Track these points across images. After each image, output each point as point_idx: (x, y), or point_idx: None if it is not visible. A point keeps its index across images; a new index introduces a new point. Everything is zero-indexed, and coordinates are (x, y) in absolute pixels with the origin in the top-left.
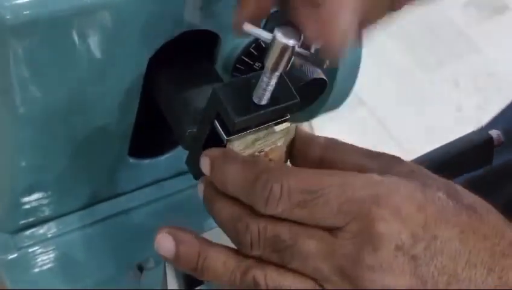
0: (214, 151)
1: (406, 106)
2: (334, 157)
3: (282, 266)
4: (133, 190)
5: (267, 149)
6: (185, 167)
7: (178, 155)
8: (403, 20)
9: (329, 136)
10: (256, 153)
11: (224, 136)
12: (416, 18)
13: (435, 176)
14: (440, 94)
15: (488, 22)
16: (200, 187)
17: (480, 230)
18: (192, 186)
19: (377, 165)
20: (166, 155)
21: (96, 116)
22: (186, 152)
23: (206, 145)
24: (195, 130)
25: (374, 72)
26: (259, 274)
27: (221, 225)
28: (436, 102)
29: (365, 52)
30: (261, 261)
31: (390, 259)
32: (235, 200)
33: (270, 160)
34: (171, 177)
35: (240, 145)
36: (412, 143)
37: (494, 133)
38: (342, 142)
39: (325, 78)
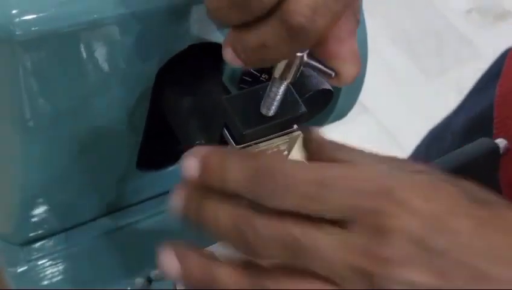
0: (201, 149)
1: (410, 113)
2: (345, 159)
3: (295, 272)
4: (142, 201)
5: (269, 152)
6: None
7: None
8: (406, 27)
9: None
10: None
11: (234, 146)
12: (419, 25)
13: (445, 175)
14: (444, 100)
15: (491, 27)
16: (179, 194)
17: (499, 225)
18: None
19: (386, 165)
20: (175, 166)
21: (105, 129)
22: None
23: None
24: (203, 141)
25: (378, 79)
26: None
27: (219, 232)
28: (440, 108)
29: (369, 59)
30: (273, 273)
31: (405, 252)
32: (232, 200)
33: None
34: None
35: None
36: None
37: (501, 142)
38: (351, 146)
39: (331, 88)
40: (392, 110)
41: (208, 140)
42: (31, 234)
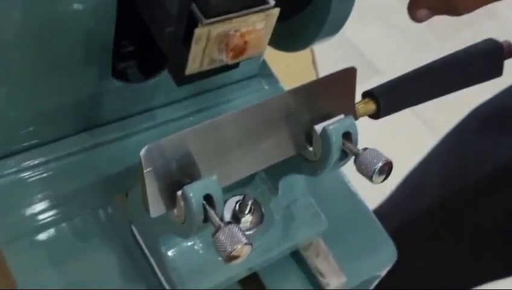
0: None
1: None
2: None
3: None
4: (123, 118)
5: (244, 30)
6: (176, 96)
7: (167, 81)
8: None
9: None
10: (232, 32)
11: (203, 19)
12: None
13: None
14: None
15: None
16: None
17: None
18: (184, 116)
19: None
20: (155, 79)
21: (73, 29)
22: None
23: (186, 41)
24: (173, 29)
25: (388, 41)
26: None
27: None
28: None
29: (380, 21)
30: None
31: None
32: None
33: (245, 42)
34: (162, 106)
35: (219, 28)
36: (431, 112)
37: (505, 42)
38: None
39: None
40: (404, 72)
41: (177, 20)
42: (5, 148)
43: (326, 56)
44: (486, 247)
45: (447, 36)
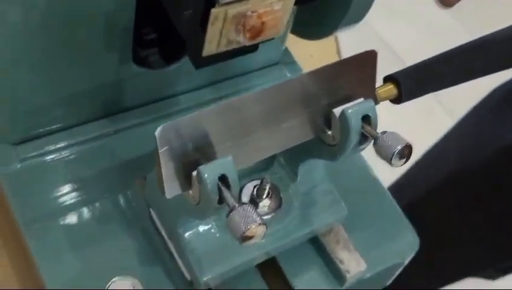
0: None
1: None
2: None
3: None
4: (145, 104)
5: (261, 10)
6: (197, 82)
7: (188, 67)
8: None
9: None
10: (249, 13)
11: (220, 1)
12: None
13: None
14: None
15: None
16: None
17: None
18: (206, 103)
19: None
20: (176, 65)
21: (94, 14)
22: None
23: (203, 23)
24: (191, 12)
25: (416, 34)
26: None
27: None
28: None
29: (408, 13)
30: None
31: None
32: None
33: (263, 23)
34: (184, 92)
35: (235, 8)
36: (457, 104)
37: None
38: None
39: None
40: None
41: (195, 4)
42: (25, 133)
43: (351, 46)
44: (507, 222)
45: (477, 30)
